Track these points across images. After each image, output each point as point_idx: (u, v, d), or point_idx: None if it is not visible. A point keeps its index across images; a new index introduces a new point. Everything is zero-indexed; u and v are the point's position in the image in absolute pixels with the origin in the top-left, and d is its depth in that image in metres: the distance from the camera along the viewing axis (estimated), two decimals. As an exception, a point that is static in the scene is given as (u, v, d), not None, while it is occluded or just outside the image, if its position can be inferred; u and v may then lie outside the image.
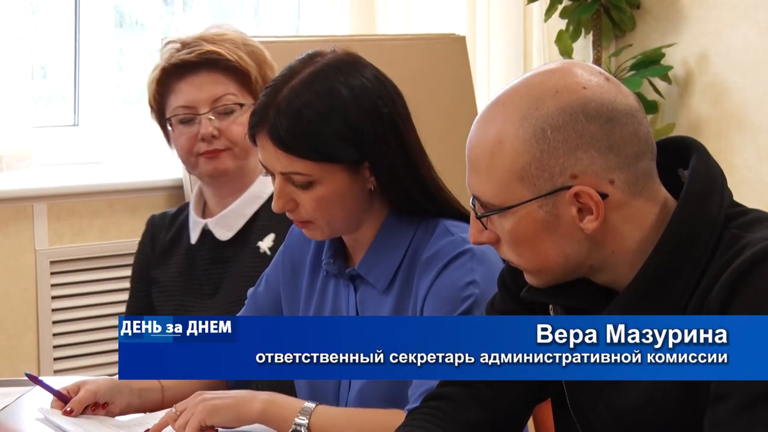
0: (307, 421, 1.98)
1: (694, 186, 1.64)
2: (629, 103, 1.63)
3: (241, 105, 2.62)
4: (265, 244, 2.63)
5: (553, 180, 1.60)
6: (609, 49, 4.65)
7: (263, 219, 2.66)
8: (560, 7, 4.56)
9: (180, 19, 4.38)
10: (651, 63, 4.46)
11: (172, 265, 2.73)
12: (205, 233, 2.69)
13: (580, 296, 1.70)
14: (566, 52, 4.53)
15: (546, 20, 4.60)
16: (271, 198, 2.55)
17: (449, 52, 4.32)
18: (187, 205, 2.78)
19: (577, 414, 1.75)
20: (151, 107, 2.70)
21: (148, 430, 2.06)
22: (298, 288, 2.25)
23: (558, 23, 4.59)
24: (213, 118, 2.61)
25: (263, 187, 2.67)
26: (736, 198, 1.70)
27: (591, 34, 4.58)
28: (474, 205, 1.68)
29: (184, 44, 2.65)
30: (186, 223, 2.74)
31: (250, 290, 2.36)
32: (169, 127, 2.65)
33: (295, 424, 1.98)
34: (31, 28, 4.08)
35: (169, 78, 2.64)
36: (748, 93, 4.36)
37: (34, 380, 2.20)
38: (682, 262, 1.61)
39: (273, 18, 4.60)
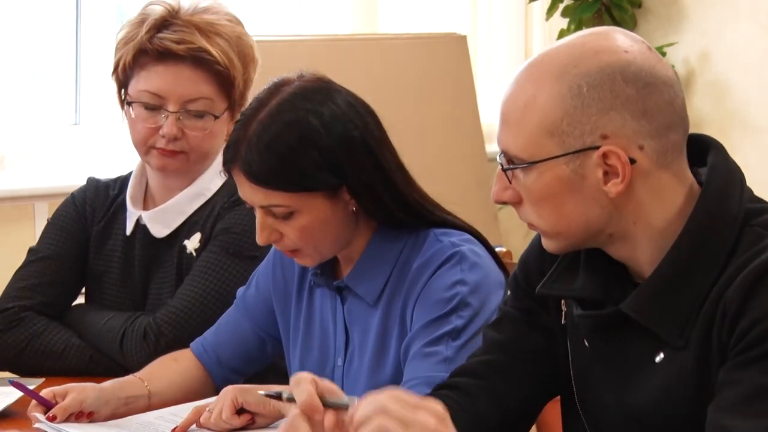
0: None
1: (715, 182, 1.63)
2: (668, 74, 1.62)
3: (215, 116, 2.47)
4: (191, 244, 2.52)
5: (583, 138, 1.59)
6: (610, 48, 4.64)
7: (195, 217, 2.53)
8: (561, 6, 4.56)
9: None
10: (652, 62, 4.45)
11: (108, 255, 2.61)
12: (139, 226, 2.57)
13: (595, 289, 1.69)
14: (567, 51, 4.52)
15: (547, 19, 4.60)
16: (215, 196, 2.54)
17: (450, 51, 4.31)
18: (128, 180, 2.63)
19: (584, 411, 1.74)
20: (115, 70, 2.52)
21: (175, 429, 2.10)
22: (288, 297, 2.25)
23: (559, 22, 4.59)
24: (181, 118, 2.45)
25: (209, 184, 2.54)
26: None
27: (592, 33, 4.57)
28: (501, 161, 1.67)
29: (171, 21, 2.46)
30: (123, 205, 2.60)
31: (240, 290, 2.35)
32: (129, 106, 2.49)
33: None
34: (31, 28, 4.08)
35: (145, 56, 2.47)
36: (749, 92, 4.36)
37: (19, 387, 2.19)
38: (702, 258, 1.60)
39: (274, 17, 4.60)
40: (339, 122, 2.04)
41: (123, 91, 2.53)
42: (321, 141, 2.02)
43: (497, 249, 2.23)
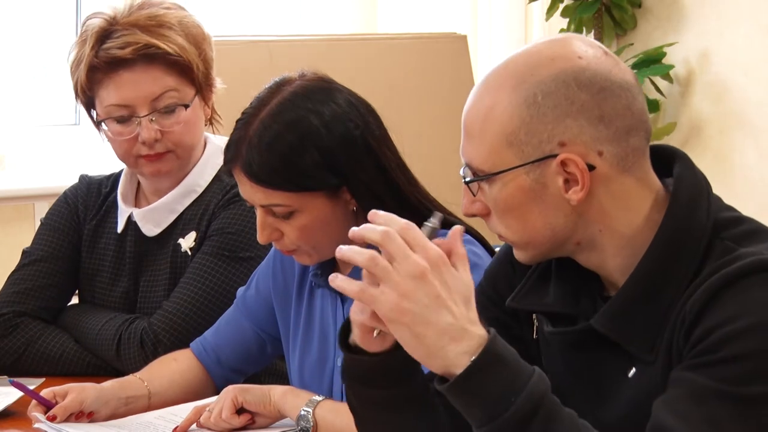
0: (311, 410, 2.04)
1: (682, 194, 1.62)
2: (625, 78, 1.61)
3: (185, 106, 2.45)
4: (186, 243, 2.51)
5: (541, 147, 1.58)
6: (610, 48, 4.63)
7: (189, 215, 2.52)
8: (561, 6, 4.56)
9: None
10: (652, 62, 4.45)
11: (101, 253, 2.61)
12: (131, 223, 2.56)
13: (566, 303, 1.68)
14: (567, 51, 4.52)
15: (547, 19, 4.60)
16: (205, 192, 2.53)
17: (450, 52, 4.31)
18: (119, 177, 2.63)
19: None
20: (76, 94, 2.50)
21: (176, 429, 2.11)
22: (288, 297, 2.25)
23: (559, 22, 4.58)
24: (154, 119, 2.43)
25: (198, 179, 2.53)
26: (737, 198, 1.68)
27: (592, 33, 4.57)
28: (463, 174, 1.67)
29: (111, 31, 2.43)
30: (115, 202, 2.60)
31: (240, 290, 2.35)
32: (103, 125, 2.49)
33: (302, 410, 2.04)
34: (31, 28, 4.08)
35: (97, 72, 2.44)
36: (749, 92, 4.36)
37: (20, 387, 2.19)
38: (671, 272, 1.59)
39: (274, 17, 4.60)
40: (340, 122, 2.04)
41: (94, 112, 2.51)
42: (321, 141, 2.02)
43: (497, 249, 2.22)
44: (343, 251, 1.53)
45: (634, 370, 1.61)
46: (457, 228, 1.54)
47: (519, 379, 1.48)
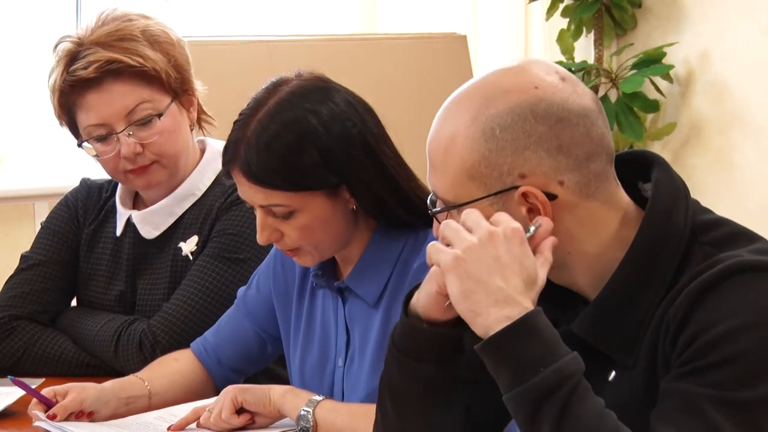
0: (311, 410, 2.04)
1: (660, 198, 1.63)
2: (583, 103, 1.62)
3: (160, 115, 2.43)
4: (188, 247, 2.50)
5: (502, 179, 1.60)
6: (610, 48, 4.65)
7: (189, 218, 2.53)
8: (561, 6, 4.56)
9: (180, 18, 4.37)
10: (652, 62, 4.45)
11: (98, 256, 2.61)
12: (130, 225, 2.57)
13: (549, 308, 1.67)
14: (567, 51, 4.53)
15: (547, 19, 4.60)
16: (204, 196, 2.53)
17: (450, 52, 4.31)
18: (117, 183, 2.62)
19: None
20: (60, 118, 2.52)
21: (171, 426, 2.11)
22: (289, 298, 2.25)
23: (559, 22, 4.59)
24: (131, 132, 2.42)
25: (198, 183, 2.54)
26: (737, 198, 1.69)
27: (592, 33, 4.57)
28: (431, 202, 1.68)
29: (78, 52, 2.42)
30: (115, 206, 2.60)
31: (240, 290, 2.35)
32: (86, 145, 2.49)
33: (302, 410, 2.05)
34: (31, 28, 4.08)
35: (69, 97, 2.45)
36: (749, 92, 4.36)
37: (20, 385, 2.19)
38: (650, 277, 1.60)
39: (274, 18, 4.60)
40: (338, 121, 2.04)
41: (79, 135, 2.51)
42: (320, 140, 2.02)
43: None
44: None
45: (613, 373, 1.63)
46: (552, 238, 1.58)
47: (552, 354, 1.50)
